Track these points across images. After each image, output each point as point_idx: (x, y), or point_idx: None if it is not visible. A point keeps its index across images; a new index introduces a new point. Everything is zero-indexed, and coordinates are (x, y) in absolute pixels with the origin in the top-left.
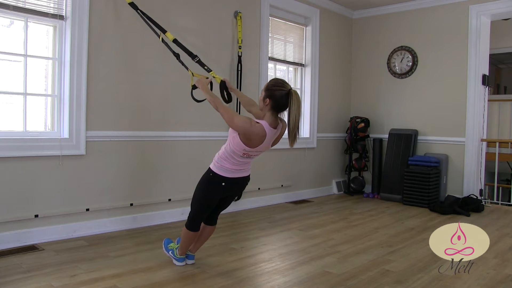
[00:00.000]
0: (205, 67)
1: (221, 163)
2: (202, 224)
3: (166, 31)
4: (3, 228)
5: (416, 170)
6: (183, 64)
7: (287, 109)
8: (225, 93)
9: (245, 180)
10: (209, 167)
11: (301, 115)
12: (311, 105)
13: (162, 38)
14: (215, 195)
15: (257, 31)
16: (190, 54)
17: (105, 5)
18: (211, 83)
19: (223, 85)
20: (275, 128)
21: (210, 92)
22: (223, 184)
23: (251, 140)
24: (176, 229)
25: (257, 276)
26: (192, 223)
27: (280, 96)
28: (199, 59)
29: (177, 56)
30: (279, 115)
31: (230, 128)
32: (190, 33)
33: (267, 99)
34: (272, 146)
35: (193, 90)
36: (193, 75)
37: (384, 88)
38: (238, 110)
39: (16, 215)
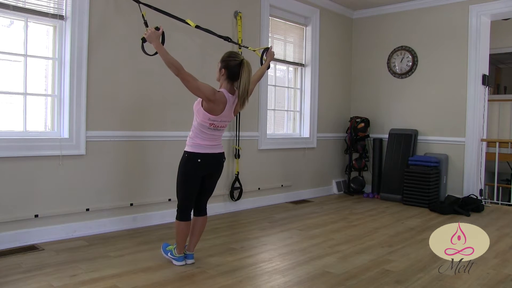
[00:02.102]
0: (241, 45)
1: (193, 140)
2: (193, 216)
3: (185, 20)
4: (3, 228)
5: (416, 170)
6: (144, 21)
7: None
8: (263, 58)
9: (220, 157)
10: (184, 150)
11: (252, 83)
12: (311, 105)
13: (143, 15)
14: (194, 174)
15: (257, 31)
16: (220, 37)
17: (105, 5)
18: (163, 35)
19: (265, 53)
20: (233, 95)
21: (162, 47)
22: (199, 160)
23: (215, 107)
24: None
25: (257, 276)
26: (182, 212)
27: (233, 66)
28: (231, 39)
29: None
30: (235, 84)
31: (194, 104)
32: (190, 32)
33: (223, 69)
34: (234, 114)
35: (143, 44)
36: (146, 28)
37: (384, 88)
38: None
39: (16, 215)
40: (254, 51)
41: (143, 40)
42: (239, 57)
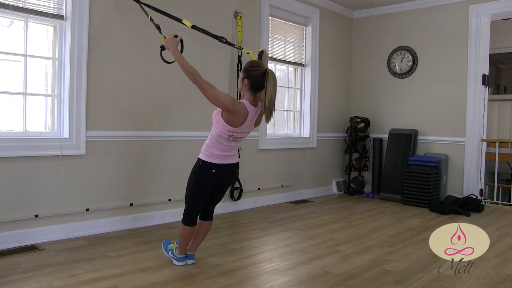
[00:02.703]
0: (236, 46)
1: (209, 150)
2: (199, 220)
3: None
4: (3, 228)
5: (416, 170)
6: (155, 25)
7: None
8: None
9: (234, 167)
10: (198, 157)
11: (277, 93)
12: (311, 105)
13: (150, 17)
14: (206, 183)
15: (257, 31)
16: (216, 37)
17: (105, 5)
18: (181, 42)
19: (260, 56)
20: (255, 106)
21: (180, 54)
22: (213, 171)
23: (235, 118)
24: (176, 229)
25: (257, 276)
26: (188, 217)
27: (257, 76)
28: (226, 39)
29: (156, 25)
30: (258, 95)
31: (214, 113)
32: (190, 32)
33: (246, 79)
34: (255, 126)
35: (162, 52)
36: (164, 37)
37: (384, 88)
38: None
39: (16, 215)
40: (248, 53)
41: (162, 48)
42: (262, 66)
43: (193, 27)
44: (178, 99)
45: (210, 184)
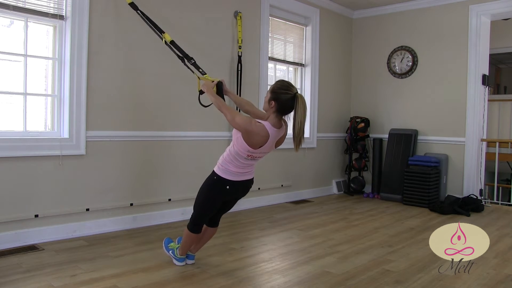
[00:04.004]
0: (200, 70)
1: (225, 166)
2: (204, 226)
3: (164, 32)
4: (3, 228)
5: (416, 170)
6: (188, 67)
7: (292, 111)
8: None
9: (249, 183)
10: (213, 170)
11: (306, 119)
12: (311, 105)
13: (165, 41)
14: (218, 198)
15: (257, 31)
16: (186, 56)
17: (105, 5)
18: (218, 86)
19: (220, 86)
20: (278, 128)
21: (215, 95)
22: (228, 187)
23: (253, 139)
24: (176, 229)
25: (257, 276)
26: (195, 225)
27: (285, 100)
28: (195, 61)
29: (182, 59)
30: (283, 117)
31: (234, 129)
32: (190, 32)
33: (273, 101)
34: (276, 147)
35: (200, 96)
36: (199, 79)
37: (384, 88)
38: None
39: (16, 215)
40: (208, 80)
41: (200, 92)
42: (292, 90)
43: (172, 42)
44: (179, 99)
45: (221, 199)
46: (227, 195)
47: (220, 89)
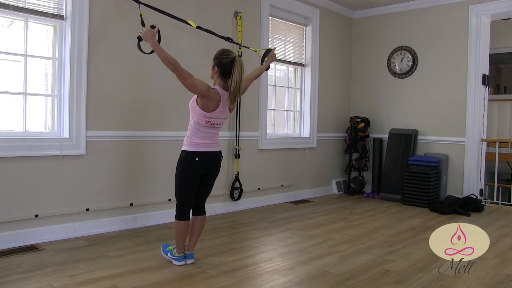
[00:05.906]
0: (244, 46)
1: (190, 140)
2: (192, 216)
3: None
4: (3, 228)
5: (416, 170)
6: (142, 22)
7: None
8: (264, 60)
9: (217, 155)
10: (181, 150)
11: (244, 80)
12: (311, 105)
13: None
14: (193, 173)
15: (257, 31)
16: (222, 37)
17: (105, 5)
18: (159, 33)
19: (266, 54)
20: (227, 91)
21: (158, 45)
22: (197, 159)
23: (209, 103)
24: None
25: (257, 276)
26: (181, 212)
27: (226, 63)
28: (232, 39)
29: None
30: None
31: (190, 102)
32: (190, 32)
33: (216, 67)
34: (230, 111)
35: (139, 42)
36: (254, 50)
37: (384, 88)
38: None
39: (16, 215)
40: (255, 51)
41: (139, 38)
42: (231, 54)
43: (198, 27)
44: (179, 99)
45: (196, 174)
46: (199, 167)
47: (265, 55)
